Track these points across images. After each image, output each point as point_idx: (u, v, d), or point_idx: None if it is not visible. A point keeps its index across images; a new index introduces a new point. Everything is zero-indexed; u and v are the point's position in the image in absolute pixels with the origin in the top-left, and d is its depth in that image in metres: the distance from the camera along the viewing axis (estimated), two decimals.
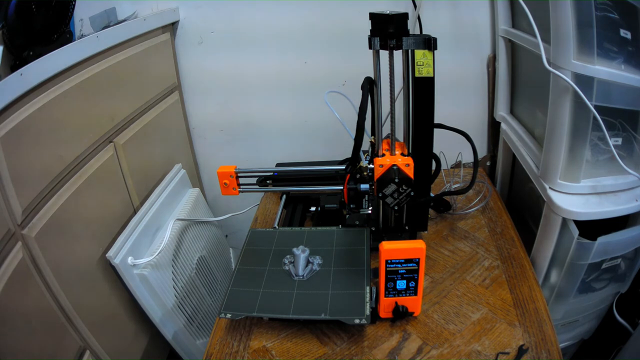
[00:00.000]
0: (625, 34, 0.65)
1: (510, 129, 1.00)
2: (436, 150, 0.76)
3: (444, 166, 0.84)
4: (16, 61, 0.73)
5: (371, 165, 0.72)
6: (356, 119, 0.67)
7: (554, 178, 0.75)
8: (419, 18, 1.01)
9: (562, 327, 0.91)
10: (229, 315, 0.68)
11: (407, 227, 0.81)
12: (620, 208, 0.72)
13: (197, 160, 1.30)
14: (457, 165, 1.07)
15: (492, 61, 1.07)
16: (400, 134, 0.75)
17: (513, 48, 1.00)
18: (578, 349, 1.02)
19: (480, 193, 1.02)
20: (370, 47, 0.65)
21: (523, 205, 1.04)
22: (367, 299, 0.68)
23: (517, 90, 1.02)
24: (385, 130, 0.73)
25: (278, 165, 1.02)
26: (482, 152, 1.20)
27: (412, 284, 0.66)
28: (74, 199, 0.76)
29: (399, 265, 0.64)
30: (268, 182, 0.93)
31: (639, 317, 0.91)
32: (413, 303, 0.69)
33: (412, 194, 0.70)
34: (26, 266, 0.66)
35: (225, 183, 0.84)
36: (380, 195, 0.71)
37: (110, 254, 0.79)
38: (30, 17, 0.74)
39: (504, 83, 1.04)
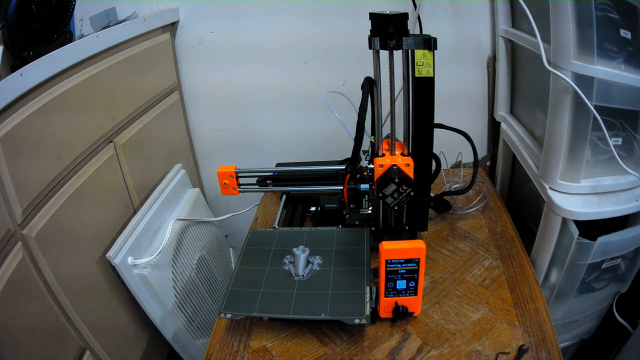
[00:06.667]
0: (625, 34, 0.65)
1: (510, 129, 1.00)
2: (436, 150, 0.76)
3: (444, 166, 0.84)
4: (16, 61, 0.73)
5: (371, 165, 0.72)
6: (356, 119, 0.67)
7: (554, 178, 0.75)
8: (419, 18, 1.01)
9: (562, 327, 0.91)
10: (229, 315, 0.68)
11: (407, 227, 0.81)
12: (620, 208, 0.72)
13: (197, 160, 1.30)
14: (457, 165, 1.07)
15: (492, 61, 1.07)
16: (400, 134, 0.75)
17: (513, 48, 1.00)
18: (578, 349, 1.02)
19: (480, 193, 1.02)
20: (370, 47, 0.65)
21: (523, 205, 1.04)
22: (367, 299, 0.68)
23: (517, 90, 1.02)
24: (385, 130, 0.73)
25: (278, 165, 1.02)
26: (482, 152, 1.20)
27: (412, 284, 0.66)
28: (74, 199, 0.76)
29: (399, 265, 0.64)
30: (268, 182, 0.93)
31: (639, 317, 0.91)
32: (413, 303, 0.69)
33: (412, 194, 0.70)
34: (26, 266, 0.66)
35: (225, 183, 0.84)
36: (380, 195, 0.71)
37: (110, 253, 0.79)
38: (30, 17, 0.74)
39: (504, 83, 1.04)
